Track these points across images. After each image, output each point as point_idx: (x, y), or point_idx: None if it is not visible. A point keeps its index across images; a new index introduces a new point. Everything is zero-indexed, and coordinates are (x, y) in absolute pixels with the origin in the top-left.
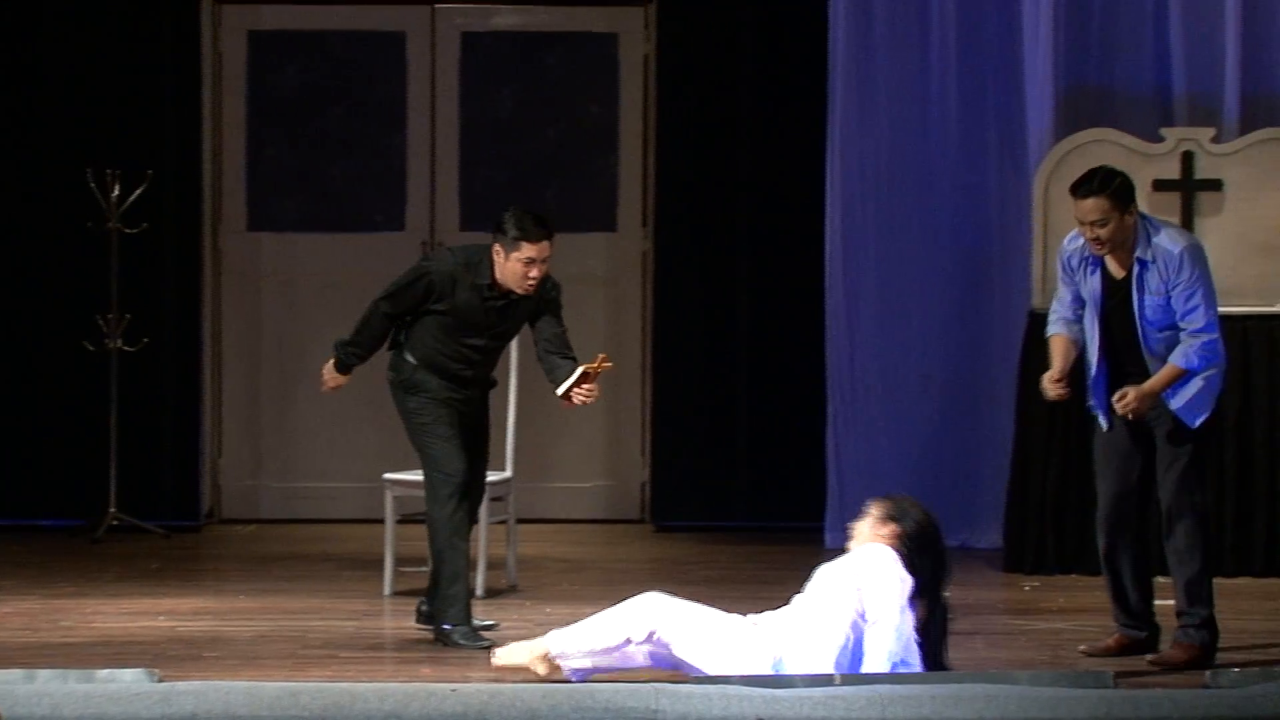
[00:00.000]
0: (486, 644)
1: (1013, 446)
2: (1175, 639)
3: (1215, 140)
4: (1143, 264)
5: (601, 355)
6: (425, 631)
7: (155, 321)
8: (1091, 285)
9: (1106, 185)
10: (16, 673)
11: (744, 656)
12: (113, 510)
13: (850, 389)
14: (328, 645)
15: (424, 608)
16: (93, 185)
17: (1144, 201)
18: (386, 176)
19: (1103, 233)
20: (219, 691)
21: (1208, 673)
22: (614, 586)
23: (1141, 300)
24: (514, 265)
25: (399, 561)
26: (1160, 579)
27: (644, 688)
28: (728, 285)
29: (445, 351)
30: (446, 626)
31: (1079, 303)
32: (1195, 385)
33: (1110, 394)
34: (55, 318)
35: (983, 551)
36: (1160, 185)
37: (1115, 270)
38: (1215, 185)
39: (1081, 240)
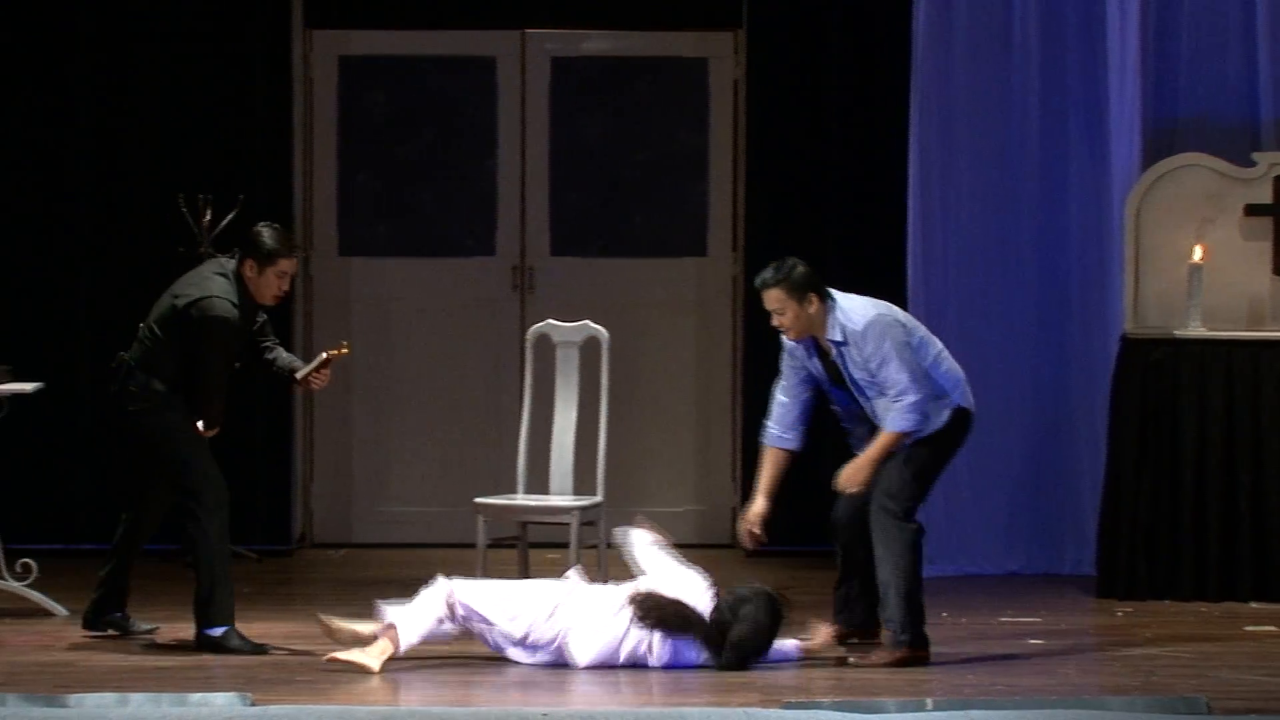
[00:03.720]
0: (262, 648)
1: (1105, 472)
2: (885, 643)
3: None
4: (838, 344)
5: (344, 342)
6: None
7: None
8: (815, 368)
9: (781, 278)
10: (110, 696)
11: (534, 617)
12: None
13: None
14: (420, 669)
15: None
16: (184, 210)
17: (1236, 226)
18: (477, 201)
19: (784, 320)
20: (312, 715)
21: None
22: None
23: (851, 375)
24: (269, 279)
25: None
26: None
27: (734, 712)
28: None
29: (222, 384)
30: (217, 631)
31: (806, 384)
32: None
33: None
34: None
35: (1076, 578)
36: (1253, 210)
37: (826, 352)
38: None
39: None
